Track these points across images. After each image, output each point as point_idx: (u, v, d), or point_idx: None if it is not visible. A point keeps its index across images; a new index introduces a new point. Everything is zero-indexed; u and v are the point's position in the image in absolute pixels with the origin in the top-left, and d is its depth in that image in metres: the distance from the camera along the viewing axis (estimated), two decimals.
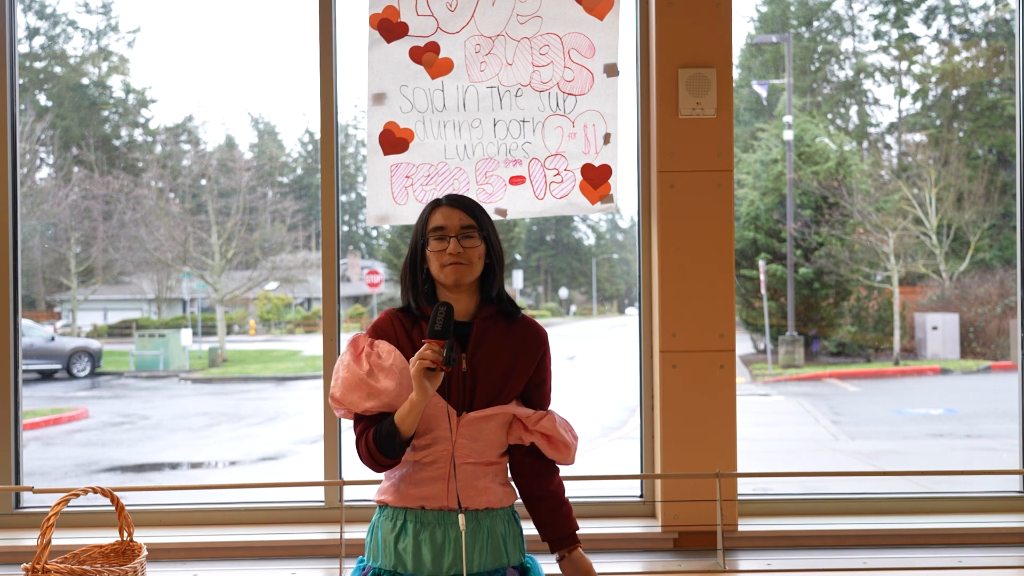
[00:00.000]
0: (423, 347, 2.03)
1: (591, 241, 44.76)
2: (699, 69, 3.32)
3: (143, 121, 25.95)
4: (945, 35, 24.34)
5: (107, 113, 25.15)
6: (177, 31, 31.19)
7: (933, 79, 23.78)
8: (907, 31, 24.68)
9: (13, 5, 3.59)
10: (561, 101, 3.37)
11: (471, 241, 2.18)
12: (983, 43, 23.15)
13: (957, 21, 24.31)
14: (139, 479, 9.08)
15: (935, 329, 18.41)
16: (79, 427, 12.29)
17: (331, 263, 3.50)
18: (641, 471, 3.50)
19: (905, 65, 24.80)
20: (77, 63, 25.63)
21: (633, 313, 35.92)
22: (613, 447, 10.00)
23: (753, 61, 25.74)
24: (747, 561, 3.20)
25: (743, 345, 20.06)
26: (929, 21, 24.54)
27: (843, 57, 25.92)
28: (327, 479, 3.44)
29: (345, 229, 33.12)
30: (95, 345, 19.03)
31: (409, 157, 3.39)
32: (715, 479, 3.24)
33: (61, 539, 3.18)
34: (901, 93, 24.81)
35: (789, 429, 11.24)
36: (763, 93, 22.13)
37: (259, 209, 22.42)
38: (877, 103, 25.36)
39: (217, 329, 21.47)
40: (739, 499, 3.38)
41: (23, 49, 24.13)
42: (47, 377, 18.05)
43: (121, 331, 24.51)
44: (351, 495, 3.32)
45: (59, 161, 22.74)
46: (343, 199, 28.05)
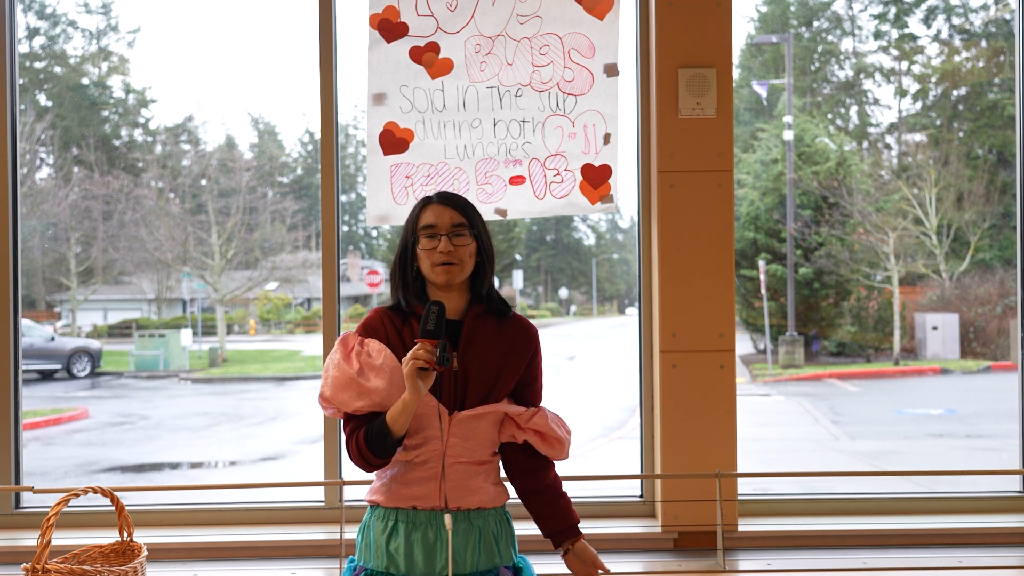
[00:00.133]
0: (416, 347, 2.01)
1: (591, 241, 44.78)
2: (699, 69, 3.32)
3: (143, 121, 25.95)
4: (945, 35, 24.34)
5: (107, 113, 25.14)
6: (177, 31, 31.20)
7: (933, 79, 23.77)
8: (907, 31, 24.67)
9: (13, 5, 3.59)
10: (561, 101, 3.37)
11: (462, 239, 2.16)
12: (983, 43, 23.14)
13: (957, 21, 24.31)
14: (139, 479, 9.08)
15: (935, 329, 18.41)
16: (79, 427, 12.28)
17: (331, 263, 3.50)
18: (641, 471, 3.50)
19: (905, 65, 24.80)
20: (77, 63, 25.61)
21: (633, 313, 35.91)
22: (613, 447, 10.00)
23: (753, 61, 25.73)
24: (747, 561, 3.20)
25: (743, 345, 20.06)
26: (929, 21, 24.54)
27: (843, 57, 25.91)
28: (327, 479, 3.44)
29: (345, 229, 33.12)
30: (95, 345, 19.03)
31: (409, 157, 3.39)
32: (715, 479, 3.24)
33: (61, 539, 3.18)
34: (901, 93, 24.81)
35: (789, 429, 11.24)
36: (763, 93, 22.12)
37: (259, 209, 22.41)
38: (877, 103, 25.36)
39: (217, 329, 21.46)
40: (739, 499, 3.38)
41: (23, 49, 24.12)
42: (47, 377, 18.05)
43: (121, 331, 24.51)
44: (351, 495, 3.31)
45: (59, 161, 22.73)
46: (343, 199, 28.03)
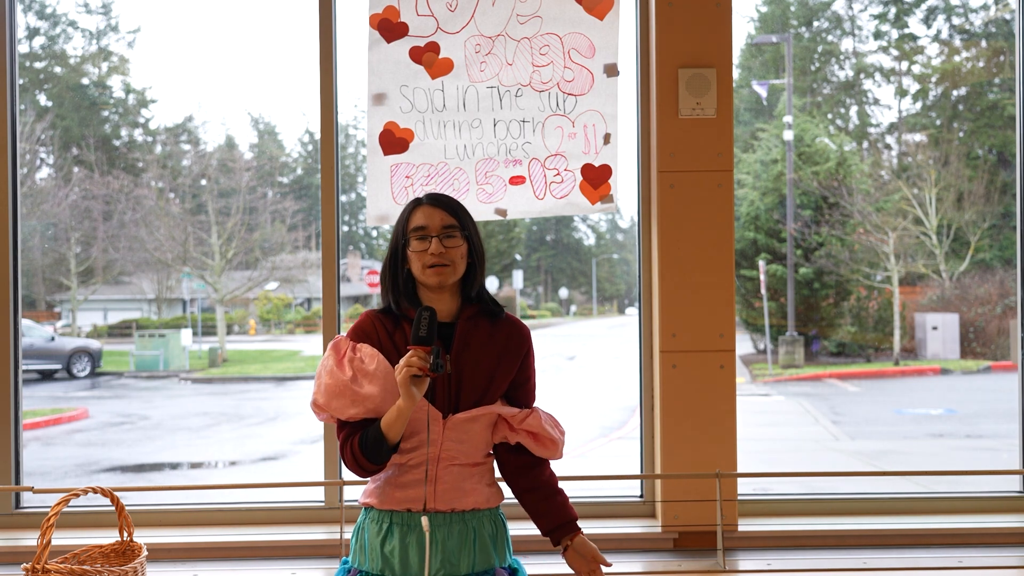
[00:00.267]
0: (409, 354, 1.99)
1: (591, 241, 44.79)
2: (699, 69, 3.32)
3: (143, 121, 25.93)
4: (945, 35, 24.33)
5: (107, 113, 25.12)
6: (177, 31, 31.15)
7: (933, 79, 23.77)
8: (907, 31, 24.66)
9: (13, 5, 3.59)
10: (561, 101, 3.37)
11: (453, 241, 2.14)
12: (983, 43, 23.13)
13: (957, 21, 24.31)
14: (139, 479, 9.07)
15: (935, 329, 18.40)
16: (79, 427, 12.28)
17: (331, 263, 3.50)
18: (641, 471, 3.50)
19: (905, 65, 24.79)
20: (77, 63, 25.60)
21: (633, 313, 35.91)
22: (613, 447, 10.00)
23: (753, 61, 25.73)
24: (747, 561, 3.20)
25: (743, 345, 20.05)
26: (929, 21, 24.53)
27: (843, 57, 25.90)
28: (327, 479, 3.44)
29: (345, 229, 33.12)
30: (95, 345, 19.03)
31: (409, 157, 3.39)
32: (715, 479, 3.24)
33: (61, 539, 3.18)
34: (901, 93, 24.80)
35: (789, 429, 11.24)
36: (763, 93, 22.12)
37: (259, 209, 22.41)
38: (877, 103, 25.34)
39: (217, 329, 21.46)
40: (739, 499, 3.38)
41: (23, 49, 24.12)
42: (47, 377, 18.05)
43: (121, 331, 24.50)
44: (351, 495, 3.31)
45: (59, 161, 22.73)
46: (343, 199, 28.00)
